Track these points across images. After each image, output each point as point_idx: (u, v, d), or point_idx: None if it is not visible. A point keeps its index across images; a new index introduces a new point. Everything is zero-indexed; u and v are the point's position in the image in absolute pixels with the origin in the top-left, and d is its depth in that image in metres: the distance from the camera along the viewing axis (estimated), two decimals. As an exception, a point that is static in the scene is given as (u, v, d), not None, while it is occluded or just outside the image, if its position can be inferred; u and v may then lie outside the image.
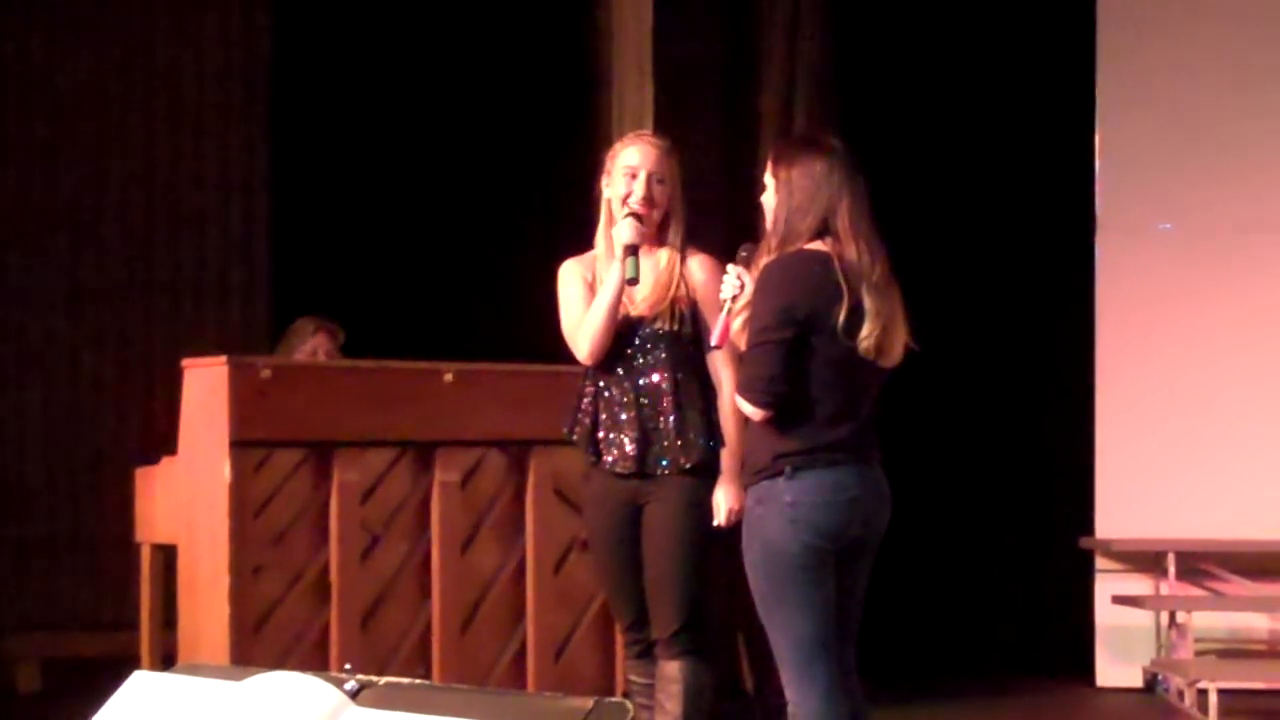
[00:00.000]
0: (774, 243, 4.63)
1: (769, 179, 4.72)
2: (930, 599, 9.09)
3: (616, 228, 5.23)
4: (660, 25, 8.25)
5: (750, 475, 4.67)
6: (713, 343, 4.90)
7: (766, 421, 4.57)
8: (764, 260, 4.63)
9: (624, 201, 5.24)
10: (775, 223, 4.65)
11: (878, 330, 4.52)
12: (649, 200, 5.24)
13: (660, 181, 5.27)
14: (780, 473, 4.55)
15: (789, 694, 4.60)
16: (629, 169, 5.26)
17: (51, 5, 8.70)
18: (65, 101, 8.74)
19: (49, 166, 8.70)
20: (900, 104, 9.10)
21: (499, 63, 9.11)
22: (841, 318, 4.50)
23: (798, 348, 4.52)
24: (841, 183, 4.61)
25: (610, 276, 5.21)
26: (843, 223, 4.59)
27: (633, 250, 5.17)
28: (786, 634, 4.58)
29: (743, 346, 4.68)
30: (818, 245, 4.59)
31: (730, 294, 4.70)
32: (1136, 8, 8.97)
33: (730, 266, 4.76)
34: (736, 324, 4.68)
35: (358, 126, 8.98)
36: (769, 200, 4.72)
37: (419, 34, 9.14)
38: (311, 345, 7.00)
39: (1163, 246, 8.86)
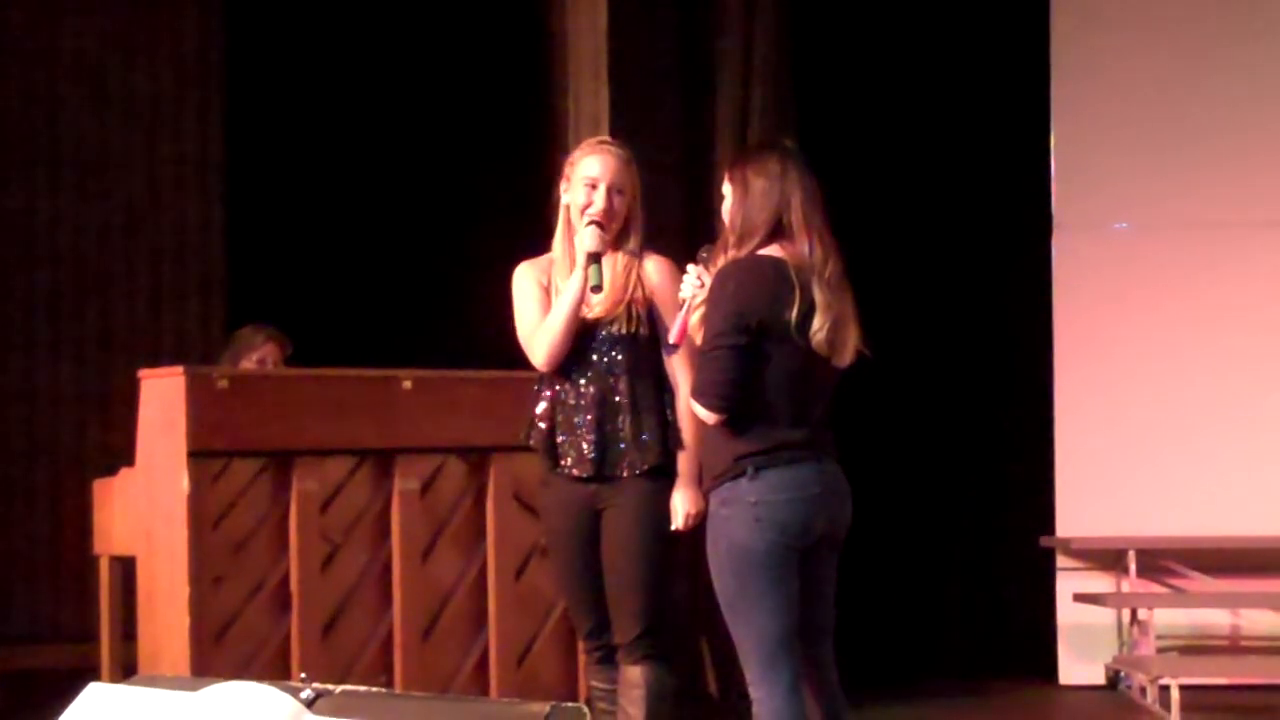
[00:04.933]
0: (731, 240, 4.71)
1: (726, 189, 4.78)
2: (891, 600, 9.10)
3: (579, 236, 5.23)
4: (616, 30, 8.25)
5: (711, 479, 4.72)
6: (671, 340, 4.92)
7: (724, 424, 4.63)
8: (721, 260, 4.68)
9: (583, 211, 5.25)
10: (732, 221, 4.74)
11: (828, 324, 4.58)
12: (608, 213, 5.24)
13: (619, 193, 5.27)
14: (742, 474, 4.60)
15: (753, 692, 4.65)
16: (588, 179, 5.26)
17: (2, 10, 8.65)
18: (15, 109, 8.70)
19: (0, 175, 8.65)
20: (857, 107, 9.12)
21: (455, 68, 9.10)
22: (794, 317, 4.55)
23: (752, 352, 4.57)
24: (795, 179, 4.69)
25: (571, 284, 5.21)
26: (796, 217, 4.66)
27: (596, 258, 5.17)
28: (751, 633, 4.62)
29: (698, 344, 4.73)
30: (772, 250, 4.64)
31: (690, 293, 4.76)
32: (1090, 6, 9.00)
33: (690, 266, 4.81)
34: (694, 319, 4.72)
35: (313, 132, 8.96)
36: (726, 208, 4.77)
37: (374, 39, 9.12)
38: (259, 355, 6.97)
39: (1119, 245, 8.91)
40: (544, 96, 8.54)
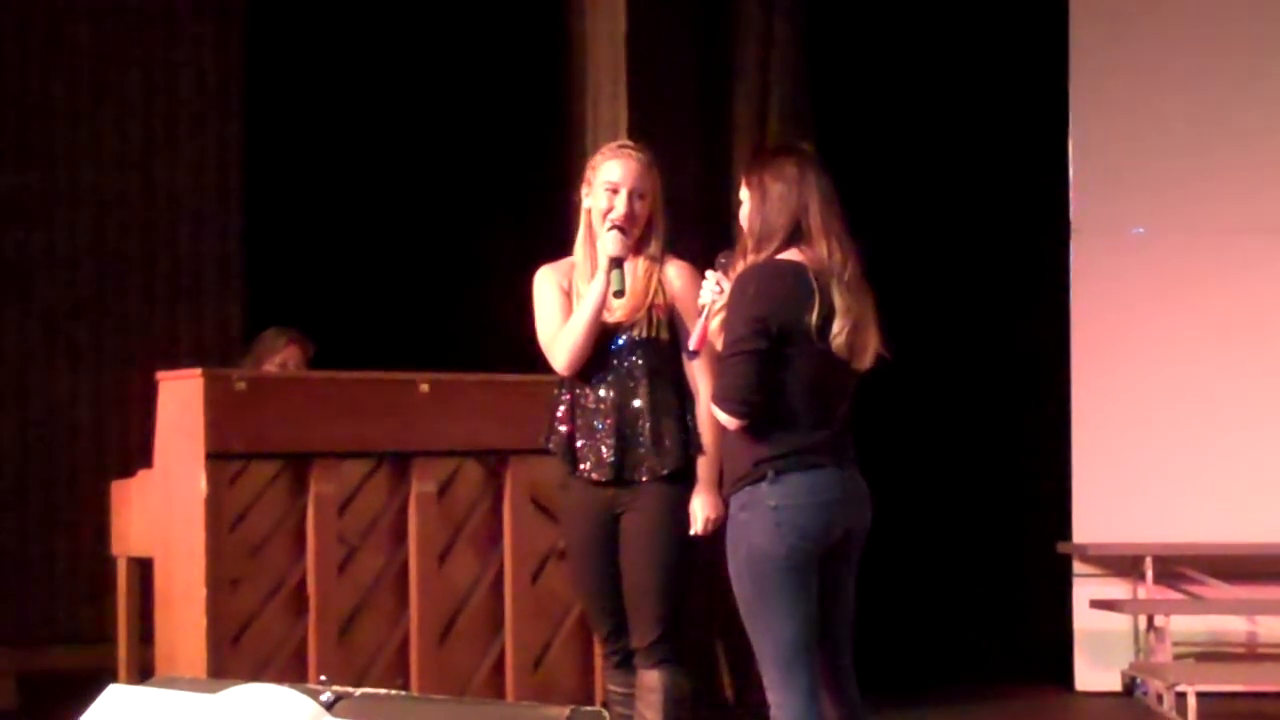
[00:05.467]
0: (750, 245, 4.72)
1: (744, 194, 4.78)
2: (908, 605, 9.09)
3: (601, 240, 5.23)
4: (634, 34, 8.25)
5: (731, 483, 4.72)
6: (691, 347, 4.94)
7: (745, 429, 4.62)
8: (740, 266, 4.69)
9: (604, 217, 5.24)
10: (750, 225, 4.74)
11: (848, 327, 4.59)
12: (630, 217, 5.24)
13: (640, 197, 5.27)
14: (762, 478, 4.61)
15: (771, 696, 4.65)
16: (610, 184, 5.25)
17: (23, 19, 8.66)
18: (35, 114, 8.71)
19: (20, 180, 8.66)
20: (874, 111, 9.12)
21: (473, 72, 9.10)
22: (814, 321, 4.55)
23: (772, 357, 4.58)
24: (813, 183, 4.70)
25: (592, 289, 5.21)
26: (814, 221, 4.66)
27: (618, 263, 5.17)
28: (770, 637, 4.62)
29: (719, 349, 4.73)
30: (791, 254, 4.65)
31: (709, 299, 4.77)
32: (1109, 11, 8.99)
33: (709, 272, 4.82)
34: (715, 324, 4.73)
35: (332, 136, 8.97)
36: (744, 213, 4.77)
37: (392, 43, 9.13)
38: (281, 358, 6.98)
39: (1137, 250, 8.89)
40: (562, 100, 8.54)
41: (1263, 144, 8.81)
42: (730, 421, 4.64)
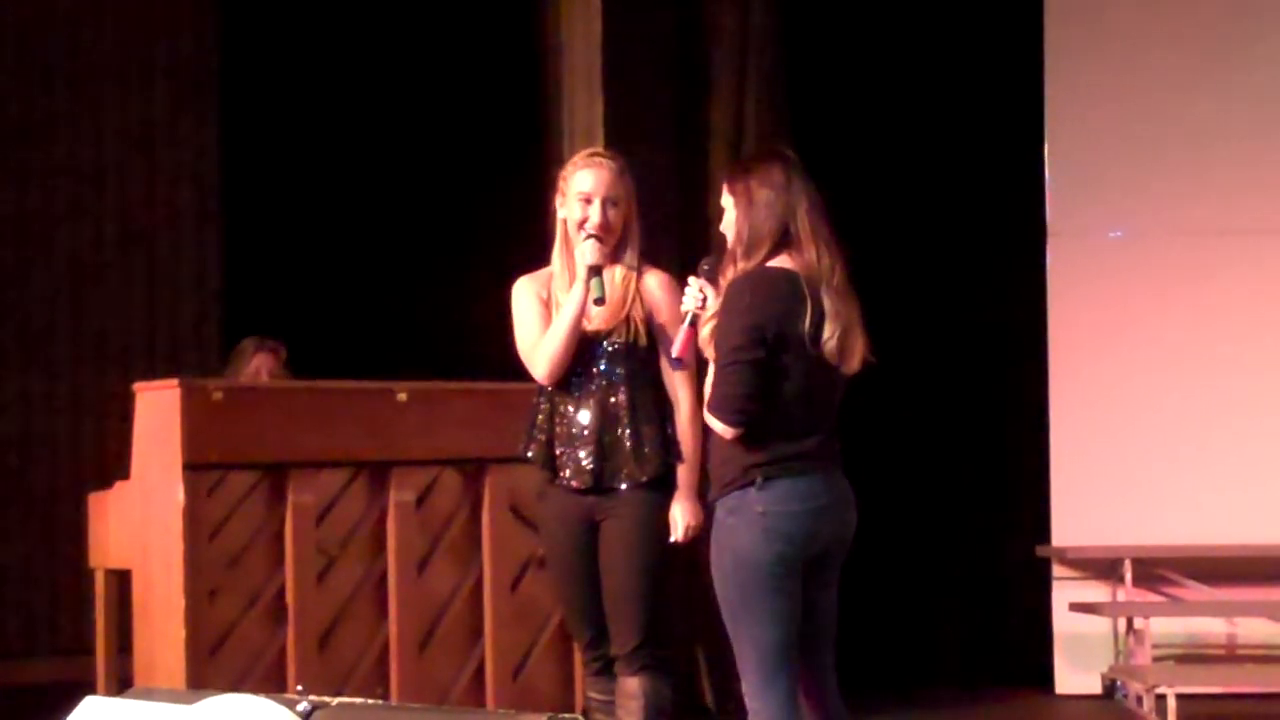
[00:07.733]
0: (739, 253, 4.71)
1: (726, 200, 4.77)
2: (887, 609, 9.09)
3: (579, 250, 5.23)
4: (610, 39, 8.25)
5: (719, 488, 4.71)
6: (674, 354, 4.91)
7: (738, 436, 4.61)
8: (730, 274, 4.68)
9: (580, 227, 5.24)
10: (738, 233, 4.72)
11: (838, 331, 4.60)
12: (604, 227, 5.24)
13: (614, 205, 5.27)
14: (751, 483, 4.61)
15: (750, 702, 4.65)
16: (583, 194, 5.26)
17: (-2, 27, 8.66)
18: (10, 124, 8.69)
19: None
20: (851, 115, 9.12)
21: (449, 78, 9.10)
22: (807, 328, 4.56)
23: (767, 365, 4.58)
24: (799, 188, 4.70)
25: (571, 298, 5.21)
26: (802, 226, 4.67)
27: (596, 271, 5.17)
28: (753, 642, 4.62)
29: (707, 357, 4.72)
30: (781, 261, 4.64)
31: (692, 306, 4.77)
32: (1084, 15, 9.01)
33: (692, 279, 4.82)
34: (704, 332, 4.72)
35: (309, 144, 8.96)
36: (729, 220, 4.76)
37: (369, 50, 9.13)
38: (254, 366, 6.98)
39: (1113, 253, 8.90)
40: (538, 108, 8.54)
41: (1241, 145, 8.82)
42: (726, 430, 4.63)
